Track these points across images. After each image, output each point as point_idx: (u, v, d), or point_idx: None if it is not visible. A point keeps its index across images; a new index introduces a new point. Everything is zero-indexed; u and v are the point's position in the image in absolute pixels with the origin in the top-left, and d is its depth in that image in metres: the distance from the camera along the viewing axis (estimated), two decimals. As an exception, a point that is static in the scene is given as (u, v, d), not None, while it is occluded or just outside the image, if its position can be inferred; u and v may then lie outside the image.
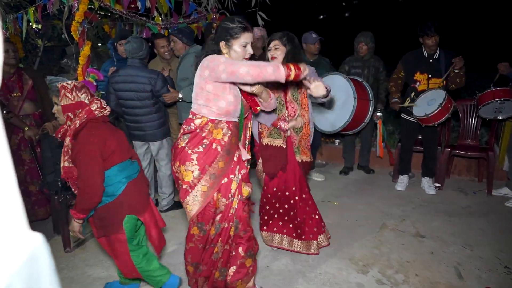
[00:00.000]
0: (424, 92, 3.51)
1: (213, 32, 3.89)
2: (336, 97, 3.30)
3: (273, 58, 2.43)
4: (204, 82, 1.83)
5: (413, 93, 3.63)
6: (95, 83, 3.14)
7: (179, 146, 1.92)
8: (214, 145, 1.88)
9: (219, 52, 1.92)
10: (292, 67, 1.74)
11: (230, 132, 1.90)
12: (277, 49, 2.41)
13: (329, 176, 4.31)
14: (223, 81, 1.79)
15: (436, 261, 2.60)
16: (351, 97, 3.25)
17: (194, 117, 1.90)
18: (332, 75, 3.51)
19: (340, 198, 3.75)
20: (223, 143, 1.89)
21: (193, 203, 1.92)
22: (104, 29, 5.06)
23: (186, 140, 1.89)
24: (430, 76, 3.57)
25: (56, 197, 2.85)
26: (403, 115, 3.81)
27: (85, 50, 3.06)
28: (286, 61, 2.36)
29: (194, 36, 4.27)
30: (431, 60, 3.57)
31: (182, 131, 1.94)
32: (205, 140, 1.87)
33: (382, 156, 3.99)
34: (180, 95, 3.24)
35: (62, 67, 6.08)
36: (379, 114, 3.89)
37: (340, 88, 3.29)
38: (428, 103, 3.43)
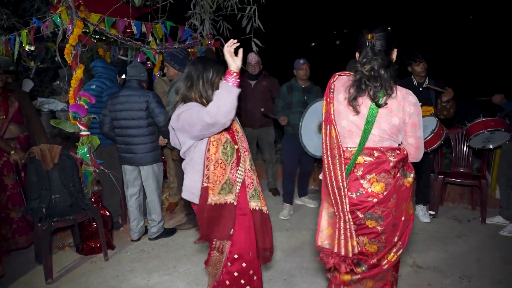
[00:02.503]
0: None
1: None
2: None
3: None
4: None
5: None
6: (86, 107, 3.07)
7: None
8: None
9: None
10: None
11: None
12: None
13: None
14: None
15: (434, 294, 2.51)
16: None
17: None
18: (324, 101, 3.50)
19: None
20: None
21: None
22: (99, 52, 5.04)
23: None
24: (421, 104, 3.58)
25: (39, 224, 2.71)
26: (396, 142, 3.79)
27: (78, 73, 3.01)
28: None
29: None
30: (420, 89, 3.60)
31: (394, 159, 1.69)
32: None
33: None
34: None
35: (54, 89, 6.02)
36: None
37: None
38: None
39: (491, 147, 3.49)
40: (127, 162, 3.24)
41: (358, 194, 1.72)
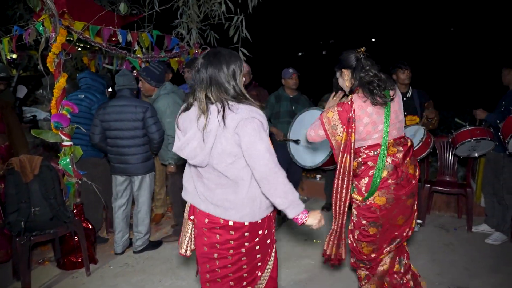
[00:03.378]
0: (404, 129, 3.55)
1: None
2: None
3: None
4: None
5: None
6: (69, 116, 2.98)
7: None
8: None
9: None
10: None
11: None
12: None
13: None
14: None
15: (424, 304, 2.48)
16: None
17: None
18: (312, 110, 3.51)
19: (322, 235, 3.62)
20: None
21: None
22: (83, 61, 4.95)
23: None
24: (406, 113, 3.62)
25: (18, 238, 2.59)
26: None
27: (61, 82, 2.92)
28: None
29: (175, 70, 4.24)
30: (404, 99, 3.64)
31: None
32: None
33: None
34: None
35: (37, 98, 5.87)
36: None
37: None
38: None
39: (476, 155, 3.53)
40: (119, 173, 3.16)
41: (401, 179, 1.99)
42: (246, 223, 1.60)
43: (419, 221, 3.84)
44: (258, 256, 1.69)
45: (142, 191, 3.22)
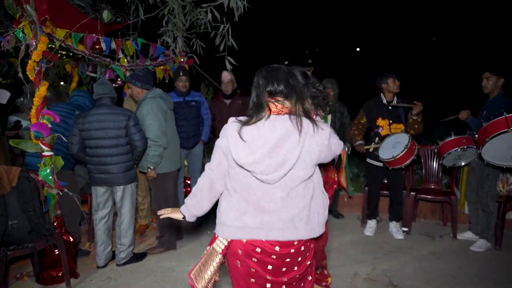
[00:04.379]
0: (388, 136, 3.57)
1: (181, 74, 3.82)
2: None
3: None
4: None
5: (377, 138, 3.69)
6: (49, 126, 2.90)
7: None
8: None
9: None
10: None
11: None
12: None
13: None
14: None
15: (412, 314, 2.48)
16: None
17: None
18: None
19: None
20: None
21: None
22: (66, 69, 4.85)
23: None
24: (391, 121, 3.66)
25: (-6, 253, 2.48)
26: (369, 160, 3.83)
27: (41, 90, 2.84)
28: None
29: (161, 79, 4.20)
30: (390, 107, 3.68)
31: None
32: None
33: (341, 184, 3.90)
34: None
35: (18, 106, 5.71)
36: (345, 148, 3.91)
37: None
38: (393, 146, 3.48)
39: (462, 164, 3.57)
40: (100, 183, 3.08)
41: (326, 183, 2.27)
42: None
43: (405, 228, 3.86)
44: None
45: (124, 201, 3.15)
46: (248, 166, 1.47)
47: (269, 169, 1.45)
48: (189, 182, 4.45)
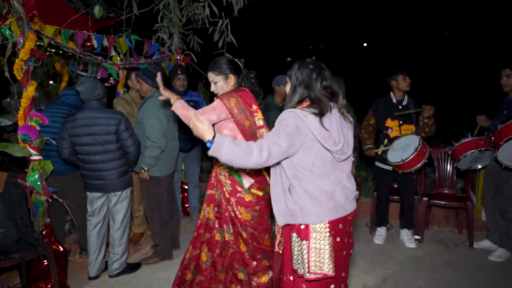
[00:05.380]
0: (398, 138, 3.57)
1: (179, 72, 3.83)
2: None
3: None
4: None
5: (386, 140, 3.68)
6: (38, 128, 2.90)
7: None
8: None
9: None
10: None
11: None
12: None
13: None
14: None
15: (425, 329, 2.46)
16: None
17: None
18: None
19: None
20: None
21: None
22: (55, 67, 4.86)
23: None
24: (401, 122, 3.65)
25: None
26: (377, 163, 3.82)
27: (29, 91, 2.84)
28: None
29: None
30: (400, 107, 3.67)
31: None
32: None
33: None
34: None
35: (4, 107, 5.73)
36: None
37: None
38: (403, 148, 3.47)
39: (479, 167, 3.55)
40: (95, 189, 3.09)
41: None
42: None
43: (417, 236, 3.84)
44: None
45: (120, 208, 3.15)
46: (334, 146, 1.78)
47: (344, 149, 1.84)
48: (186, 187, 4.45)
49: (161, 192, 3.37)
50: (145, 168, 3.21)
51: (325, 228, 1.77)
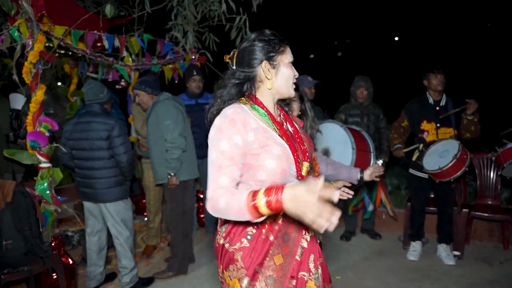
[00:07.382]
0: (434, 143, 3.51)
1: (195, 73, 3.90)
2: (331, 148, 3.26)
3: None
4: None
5: (421, 145, 3.63)
6: (48, 134, 3.01)
7: (217, 244, 1.60)
8: (264, 234, 1.50)
9: (249, 88, 1.58)
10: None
11: None
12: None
13: (327, 242, 4.14)
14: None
15: None
16: (349, 148, 3.21)
17: None
18: (327, 123, 3.49)
19: (342, 271, 3.57)
20: (277, 228, 1.51)
21: None
22: (64, 69, 5.02)
23: (224, 234, 1.56)
24: (438, 125, 3.60)
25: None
26: (412, 171, 3.78)
27: (38, 95, 2.95)
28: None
29: (169, 79, 4.28)
30: (437, 108, 3.62)
31: (219, 221, 1.63)
32: (249, 229, 1.51)
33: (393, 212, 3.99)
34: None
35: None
36: (380, 162, 3.86)
37: (336, 138, 3.26)
38: (440, 155, 3.42)
39: None
40: (86, 198, 3.18)
41: None
42: None
43: (456, 252, 3.77)
44: None
45: (113, 221, 3.20)
46: None
47: None
48: (201, 196, 4.50)
49: (188, 199, 3.47)
50: (172, 174, 3.27)
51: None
